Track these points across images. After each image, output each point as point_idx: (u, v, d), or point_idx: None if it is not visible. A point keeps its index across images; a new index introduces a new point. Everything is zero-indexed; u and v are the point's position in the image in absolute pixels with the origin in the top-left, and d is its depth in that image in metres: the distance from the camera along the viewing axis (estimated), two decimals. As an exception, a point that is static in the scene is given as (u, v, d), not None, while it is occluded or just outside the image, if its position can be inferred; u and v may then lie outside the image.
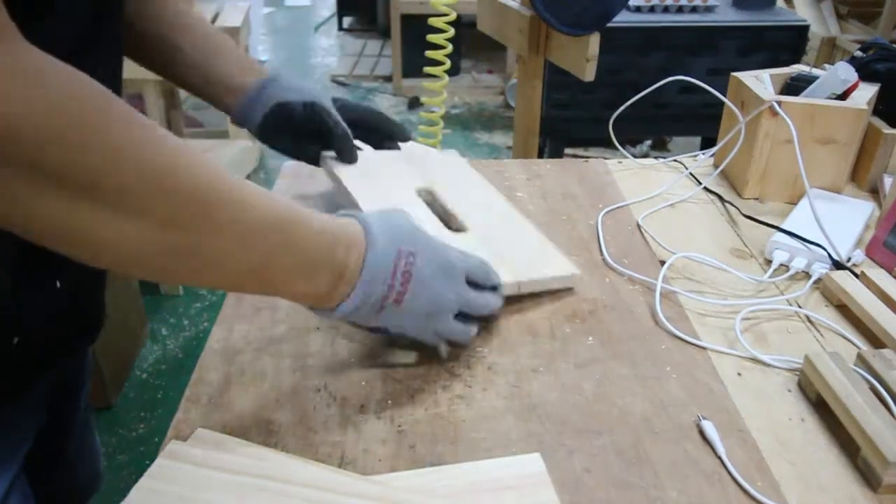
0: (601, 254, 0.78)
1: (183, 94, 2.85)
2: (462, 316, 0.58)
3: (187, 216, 0.41)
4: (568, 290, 0.71)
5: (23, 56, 0.34)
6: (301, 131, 0.75)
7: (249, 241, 0.45)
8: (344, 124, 0.76)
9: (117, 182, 0.38)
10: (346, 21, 5.05)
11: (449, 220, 0.75)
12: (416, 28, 3.16)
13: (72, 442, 0.72)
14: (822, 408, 0.56)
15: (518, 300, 0.69)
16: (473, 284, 0.58)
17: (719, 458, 0.52)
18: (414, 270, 0.53)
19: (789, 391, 0.60)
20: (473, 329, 0.60)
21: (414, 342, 0.60)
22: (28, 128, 0.34)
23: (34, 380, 0.57)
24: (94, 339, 0.62)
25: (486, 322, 0.65)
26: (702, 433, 0.54)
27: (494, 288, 0.61)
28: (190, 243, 0.42)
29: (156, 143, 0.39)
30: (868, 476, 0.51)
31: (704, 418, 0.55)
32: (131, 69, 0.66)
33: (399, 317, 0.54)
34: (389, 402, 0.58)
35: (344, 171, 0.77)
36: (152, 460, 0.52)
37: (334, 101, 0.77)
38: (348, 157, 0.77)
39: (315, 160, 0.79)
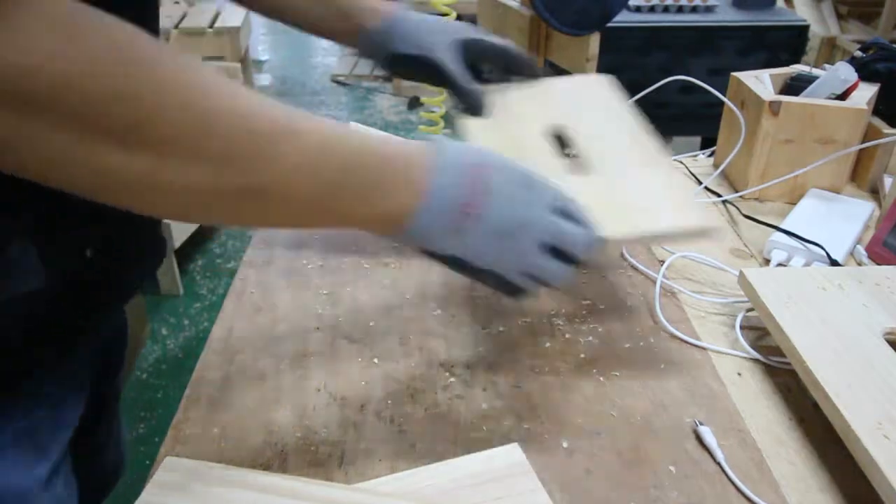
0: (601, 253, 0.78)
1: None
2: (553, 252, 0.50)
3: (241, 157, 0.39)
4: (568, 290, 0.71)
5: (60, 8, 0.33)
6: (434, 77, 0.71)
7: (314, 166, 0.42)
8: (464, 82, 0.70)
9: (171, 128, 0.37)
10: (346, 21, 5.04)
11: (576, 163, 0.65)
12: (416, 28, 3.15)
13: (105, 426, 0.72)
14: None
15: (519, 300, 0.69)
16: (564, 216, 0.51)
17: (718, 463, 0.52)
18: (492, 181, 0.47)
19: (789, 391, 0.60)
20: (567, 269, 0.51)
21: (501, 288, 0.52)
22: (77, 83, 0.33)
23: (71, 346, 0.56)
24: (132, 295, 0.61)
25: (585, 270, 0.57)
26: (699, 439, 0.54)
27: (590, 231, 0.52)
28: (251, 181, 0.40)
29: (206, 84, 0.38)
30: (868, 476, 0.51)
31: (701, 423, 0.55)
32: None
33: (477, 238, 0.47)
34: (389, 402, 0.58)
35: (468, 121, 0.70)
36: (152, 460, 0.52)
37: (468, 44, 0.71)
38: (472, 110, 0.71)
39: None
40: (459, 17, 1.89)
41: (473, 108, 0.70)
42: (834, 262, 0.73)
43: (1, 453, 0.51)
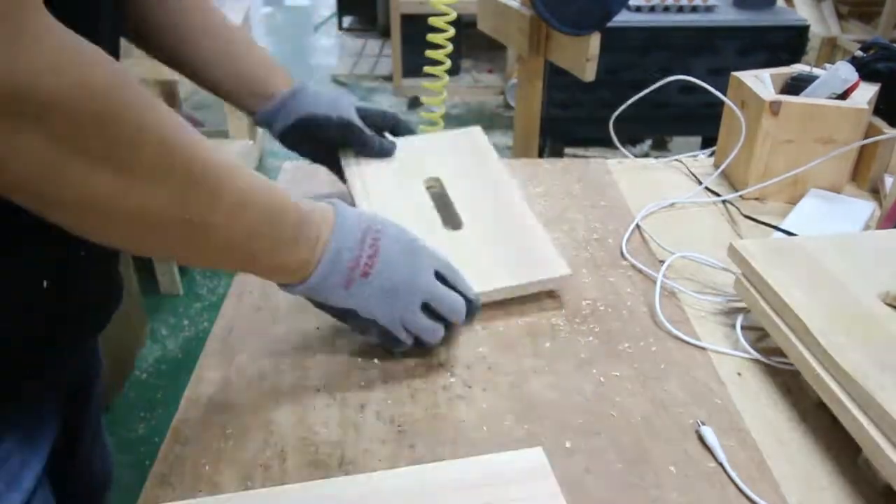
0: (602, 253, 0.78)
1: (182, 93, 2.85)
2: (430, 313, 0.58)
3: (195, 190, 0.45)
4: (568, 290, 0.71)
5: (59, 31, 0.37)
6: (328, 142, 0.79)
7: (241, 212, 0.48)
8: (374, 135, 0.80)
9: (144, 154, 0.41)
10: (346, 21, 5.05)
11: (450, 215, 0.76)
12: (416, 28, 3.16)
13: (86, 442, 0.72)
14: (822, 408, 0.56)
15: (519, 300, 0.69)
16: (442, 281, 0.59)
17: (720, 463, 0.52)
18: (381, 245, 0.56)
19: (789, 391, 0.60)
20: (440, 330, 0.59)
21: (381, 339, 0.59)
22: (73, 99, 0.37)
23: (42, 374, 0.56)
24: (100, 330, 0.61)
25: (454, 330, 0.64)
26: (701, 439, 0.54)
27: (463, 296, 0.60)
28: (192, 215, 0.45)
29: (175, 122, 0.43)
30: (868, 476, 0.51)
31: (703, 424, 0.55)
32: (127, 67, 0.66)
33: (367, 295, 0.56)
34: (389, 402, 0.58)
35: (357, 169, 0.79)
36: (152, 460, 0.52)
37: (357, 110, 0.80)
38: (385, 154, 0.82)
39: (335, 166, 0.82)
40: (459, 17, 1.89)
41: (387, 152, 0.81)
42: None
43: None
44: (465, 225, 0.74)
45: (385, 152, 0.81)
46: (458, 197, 0.77)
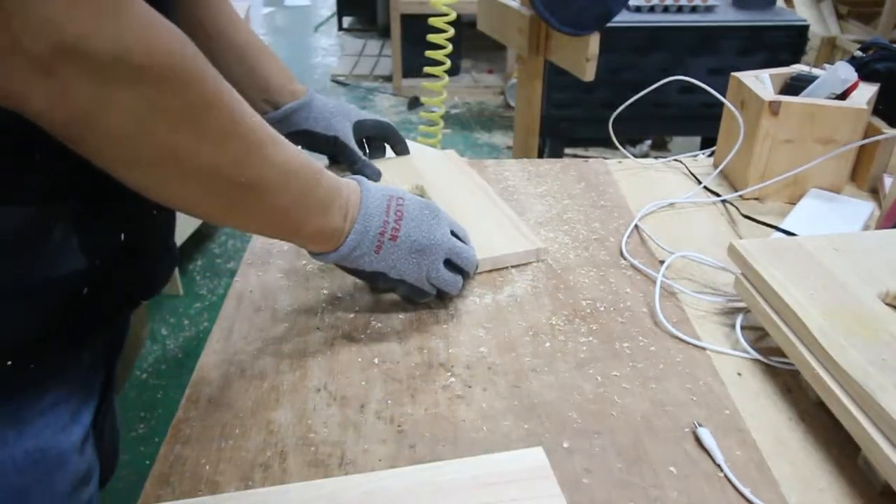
0: (602, 253, 0.78)
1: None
2: (450, 266, 0.66)
3: (253, 155, 0.50)
4: (567, 290, 0.71)
5: (145, 7, 0.41)
6: (321, 154, 0.87)
7: (286, 178, 0.53)
8: (364, 158, 0.86)
9: (215, 118, 0.46)
10: (346, 21, 5.05)
11: None
12: (416, 28, 3.16)
13: (105, 406, 0.73)
14: (822, 408, 0.56)
15: (519, 300, 0.69)
16: (455, 237, 0.67)
17: (718, 464, 0.52)
18: (404, 209, 0.62)
19: (789, 391, 0.60)
20: (460, 281, 0.67)
21: (408, 294, 0.65)
22: (160, 65, 0.42)
23: (100, 331, 0.59)
24: (156, 291, 0.64)
25: (466, 279, 0.69)
26: (699, 441, 0.54)
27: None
28: (247, 178, 0.50)
29: (233, 91, 0.49)
30: (868, 476, 0.51)
31: (700, 425, 0.55)
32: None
33: (395, 255, 0.61)
34: (389, 402, 0.58)
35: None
36: (152, 460, 0.52)
37: (355, 125, 0.87)
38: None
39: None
40: (459, 17, 1.89)
41: (370, 178, 0.83)
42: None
43: (42, 417, 0.54)
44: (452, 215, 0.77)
45: (368, 178, 0.85)
46: (438, 198, 0.84)
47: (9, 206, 0.47)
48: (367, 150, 0.94)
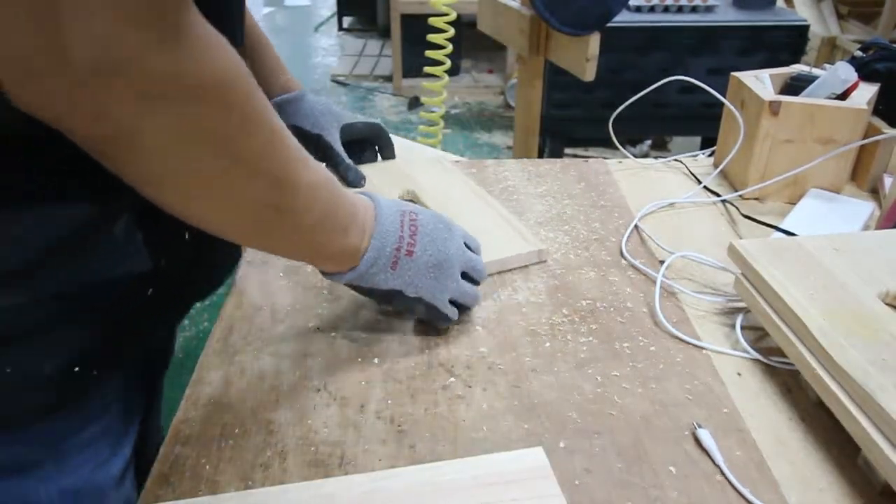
0: (602, 253, 0.78)
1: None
2: (466, 278, 0.63)
3: (285, 179, 0.48)
4: (567, 290, 0.71)
5: (202, 26, 0.40)
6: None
7: (312, 201, 0.51)
8: (348, 161, 0.85)
9: (256, 141, 0.45)
10: (346, 21, 5.05)
11: None
12: (416, 28, 3.16)
13: (155, 412, 0.73)
14: (822, 408, 0.56)
15: (518, 301, 0.69)
16: (470, 248, 0.65)
17: (717, 465, 0.52)
18: (418, 224, 0.60)
19: (789, 391, 0.60)
20: (479, 292, 0.65)
21: (427, 315, 0.62)
22: (207, 87, 0.40)
23: (157, 332, 0.59)
24: (214, 290, 0.64)
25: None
26: (698, 441, 0.54)
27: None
28: (278, 202, 0.48)
29: (275, 113, 0.47)
30: (868, 476, 0.51)
31: (700, 426, 0.55)
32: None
33: (412, 272, 0.59)
34: (389, 402, 0.58)
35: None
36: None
37: (344, 127, 0.85)
38: (352, 184, 0.86)
39: None
40: (459, 17, 1.89)
41: (353, 182, 0.86)
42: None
43: (83, 453, 0.53)
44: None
45: (351, 183, 0.86)
46: (432, 203, 0.84)
47: (67, 202, 0.46)
48: (359, 156, 0.92)
